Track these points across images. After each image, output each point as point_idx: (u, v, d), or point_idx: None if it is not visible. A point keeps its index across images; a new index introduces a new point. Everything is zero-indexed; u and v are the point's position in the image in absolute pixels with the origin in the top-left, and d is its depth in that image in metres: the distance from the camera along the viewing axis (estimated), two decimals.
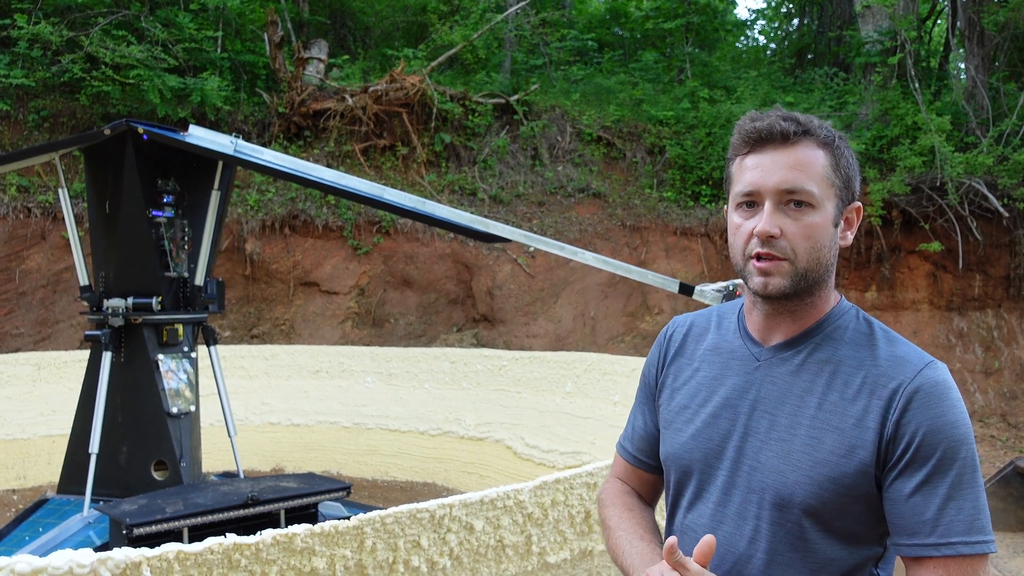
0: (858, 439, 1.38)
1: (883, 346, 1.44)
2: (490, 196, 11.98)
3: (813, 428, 1.42)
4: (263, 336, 11.00)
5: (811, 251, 1.43)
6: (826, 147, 1.45)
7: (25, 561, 2.28)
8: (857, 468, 1.38)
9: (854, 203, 1.50)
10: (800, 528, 1.42)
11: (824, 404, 1.43)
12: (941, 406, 1.35)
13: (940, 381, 1.38)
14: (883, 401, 1.38)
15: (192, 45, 11.90)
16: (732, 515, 1.49)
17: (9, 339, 10.14)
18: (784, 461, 1.43)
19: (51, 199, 10.53)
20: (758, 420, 1.48)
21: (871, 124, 11.78)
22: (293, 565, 2.74)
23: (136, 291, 5.62)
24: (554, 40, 15.32)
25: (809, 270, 1.44)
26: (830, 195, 1.45)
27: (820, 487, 1.39)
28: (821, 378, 1.45)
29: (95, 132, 5.46)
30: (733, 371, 1.55)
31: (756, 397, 1.50)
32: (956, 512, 1.32)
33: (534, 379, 8.04)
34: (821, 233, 1.44)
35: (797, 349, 1.49)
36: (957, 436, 1.34)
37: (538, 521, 3.47)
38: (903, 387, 1.37)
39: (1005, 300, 11.15)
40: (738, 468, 1.49)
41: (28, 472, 7.74)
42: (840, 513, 1.40)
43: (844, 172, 1.46)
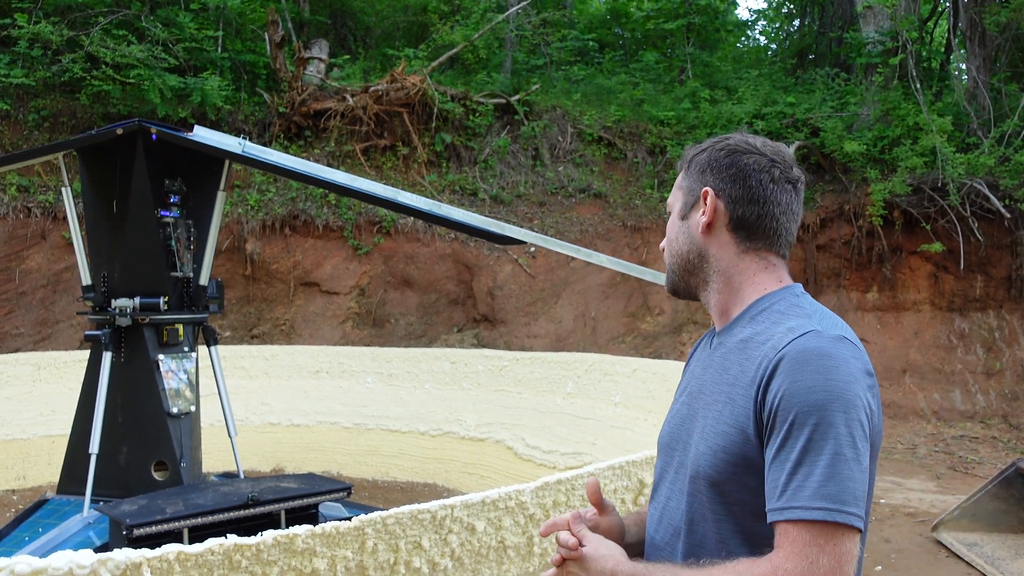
0: (744, 408, 1.44)
1: (785, 320, 1.50)
2: (491, 196, 11.97)
3: (719, 402, 1.51)
4: (263, 336, 10.99)
5: (667, 246, 1.71)
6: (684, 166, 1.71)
7: (25, 562, 2.27)
8: (742, 437, 1.43)
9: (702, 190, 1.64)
10: (708, 498, 1.49)
11: (730, 379, 1.51)
12: (801, 371, 1.37)
13: (809, 348, 1.39)
14: (764, 371, 1.42)
15: (192, 45, 11.89)
16: (677, 492, 1.59)
17: (9, 339, 10.13)
18: (700, 436, 1.53)
19: (51, 199, 10.52)
20: (698, 400, 1.60)
21: (872, 124, 11.77)
22: (294, 566, 2.73)
23: (142, 291, 5.61)
24: (555, 40, 15.30)
25: (670, 263, 1.70)
26: (678, 196, 1.70)
27: (716, 457, 1.46)
28: (735, 355, 1.54)
29: (107, 131, 5.45)
30: (700, 361, 1.69)
31: (702, 380, 1.62)
32: (804, 478, 1.32)
33: (535, 380, 8.02)
34: (670, 229, 1.71)
35: (730, 332, 1.60)
36: (811, 401, 1.34)
37: (540, 522, 3.45)
38: (775, 355, 1.42)
39: (1007, 301, 11.14)
40: (683, 447, 1.60)
41: (28, 472, 7.73)
42: (736, 483, 1.44)
43: (690, 171, 1.68)
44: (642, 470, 3.89)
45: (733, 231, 1.61)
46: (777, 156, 1.62)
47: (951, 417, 10.59)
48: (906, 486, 8.14)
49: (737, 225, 1.60)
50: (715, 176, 1.62)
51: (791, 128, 12.10)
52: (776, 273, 1.61)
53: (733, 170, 1.61)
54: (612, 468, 3.72)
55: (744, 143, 1.63)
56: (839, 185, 11.75)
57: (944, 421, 10.54)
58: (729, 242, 1.61)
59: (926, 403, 10.75)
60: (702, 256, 1.64)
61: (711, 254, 1.63)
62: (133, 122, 5.49)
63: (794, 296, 1.57)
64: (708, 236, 1.62)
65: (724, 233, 1.61)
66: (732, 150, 1.63)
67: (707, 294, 1.65)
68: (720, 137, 1.66)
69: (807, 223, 11.53)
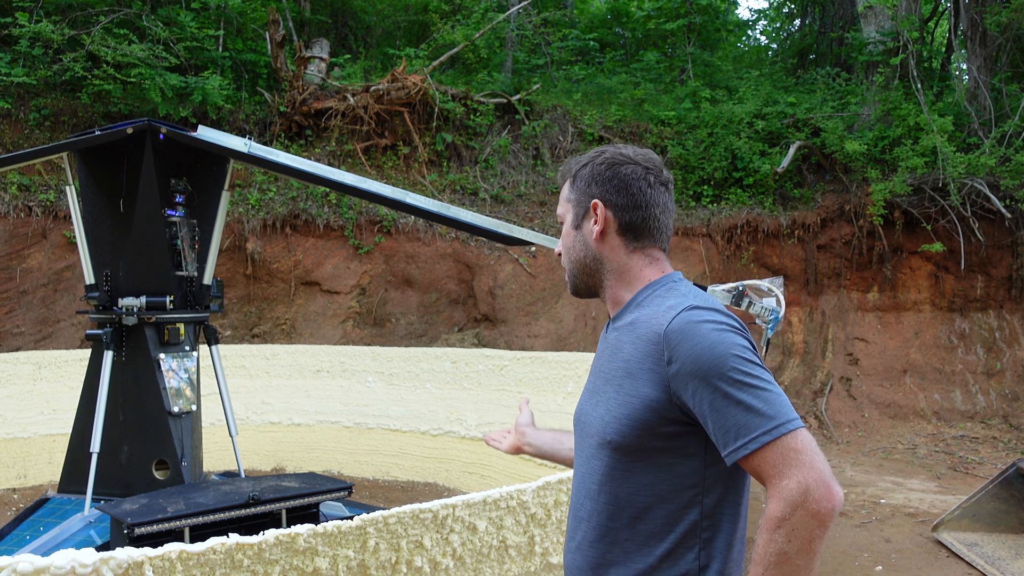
0: (642, 379, 1.67)
1: (666, 301, 1.73)
2: (491, 196, 11.97)
3: (618, 377, 1.73)
4: (264, 335, 10.99)
5: (565, 254, 1.94)
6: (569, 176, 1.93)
7: (28, 561, 2.27)
8: (644, 404, 1.66)
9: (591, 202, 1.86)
10: (615, 461, 1.72)
11: (625, 356, 1.73)
12: (693, 338, 1.60)
13: (692, 320, 1.63)
14: (654, 346, 1.66)
15: (193, 44, 11.88)
16: (584, 459, 1.83)
17: (10, 338, 10.13)
18: (603, 407, 1.76)
19: (52, 198, 10.52)
20: (597, 378, 1.84)
21: (873, 124, 11.76)
22: (296, 565, 2.73)
23: (148, 290, 5.62)
24: (556, 40, 15.30)
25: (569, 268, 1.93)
26: (568, 208, 1.92)
27: (620, 423, 1.69)
28: (625, 336, 1.77)
29: (117, 130, 5.45)
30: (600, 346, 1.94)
31: (600, 361, 1.86)
32: (745, 414, 1.55)
33: (536, 379, 8.03)
34: (565, 238, 1.93)
35: (620, 318, 1.84)
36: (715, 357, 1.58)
37: (541, 521, 3.46)
38: (663, 329, 1.64)
39: (1007, 301, 11.14)
40: (587, 419, 1.83)
41: (29, 471, 7.74)
42: (640, 445, 1.68)
43: (576, 185, 1.89)
44: None
45: (622, 235, 1.85)
46: (649, 163, 1.86)
47: (951, 417, 10.59)
48: (906, 486, 8.15)
49: (625, 229, 1.84)
50: (600, 188, 1.85)
51: (792, 128, 12.10)
52: (660, 265, 1.87)
53: (616, 181, 1.84)
54: None
55: (619, 155, 1.86)
56: (840, 185, 11.75)
57: (944, 421, 10.54)
58: (619, 244, 1.85)
59: (926, 403, 10.75)
60: (597, 260, 1.87)
61: (605, 257, 1.86)
62: (143, 121, 5.50)
63: (672, 281, 1.82)
64: (601, 242, 1.85)
65: (614, 237, 1.85)
66: (611, 163, 1.85)
67: (603, 291, 1.89)
68: (597, 151, 1.89)
69: (808, 223, 11.53)
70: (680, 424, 1.65)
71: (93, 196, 5.75)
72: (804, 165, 12.07)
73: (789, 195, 11.86)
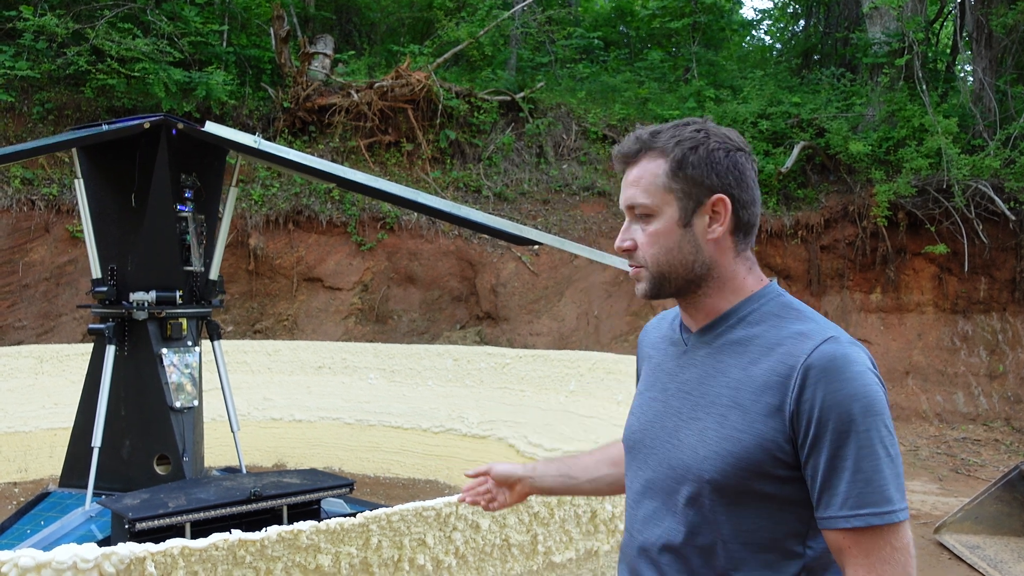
0: (759, 415, 1.44)
1: (790, 324, 1.49)
2: (495, 193, 11.96)
3: (722, 406, 1.49)
4: (266, 331, 10.99)
5: (659, 255, 1.56)
6: (662, 155, 1.55)
7: (29, 555, 2.27)
8: (758, 444, 1.43)
9: (712, 197, 1.53)
10: (711, 502, 1.48)
11: (732, 382, 1.49)
12: (838, 381, 1.38)
13: (838, 355, 1.40)
14: (782, 378, 1.43)
15: (198, 39, 11.88)
16: (658, 491, 1.57)
17: (12, 332, 10.12)
18: (698, 438, 1.51)
19: (55, 192, 10.51)
20: (681, 400, 1.57)
21: (878, 125, 11.74)
22: (298, 562, 2.73)
23: (157, 285, 5.62)
24: (560, 38, 15.28)
25: (664, 272, 1.56)
26: (669, 200, 1.54)
27: (724, 462, 1.45)
28: (732, 358, 1.52)
29: (135, 125, 5.45)
30: (670, 356, 1.66)
31: (681, 379, 1.59)
32: (864, 484, 1.36)
33: (537, 377, 8.02)
34: (664, 238, 1.55)
35: (716, 332, 1.57)
36: (856, 409, 1.37)
37: (544, 520, 3.45)
38: (800, 364, 1.41)
39: (1010, 303, 11.12)
40: (663, 446, 1.58)
41: (30, 465, 7.73)
42: (746, 488, 1.45)
43: (686, 172, 1.53)
44: None
45: (733, 235, 1.57)
46: (748, 148, 1.60)
47: (954, 419, 10.58)
48: (908, 488, 8.14)
49: (737, 229, 1.56)
50: (721, 179, 1.53)
51: (796, 128, 12.08)
52: (756, 272, 1.61)
53: (736, 172, 1.55)
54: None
55: (727, 138, 1.56)
56: (844, 186, 11.73)
57: (947, 423, 10.53)
58: (729, 247, 1.57)
59: (929, 405, 10.74)
60: (706, 265, 1.56)
61: (715, 262, 1.56)
62: (160, 116, 5.51)
63: (778, 295, 1.57)
64: (715, 244, 1.55)
65: (727, 238, 1.56)
66: (726, 148, 1.55)
67: (696, 298, 1.59)
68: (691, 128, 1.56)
69: (811, 223, 11.52)
70: (794, 468, 1.44)
71: (98, 190, 5.74)
72: (808, 165, 12.05)
73: (793, 195, 11.84)
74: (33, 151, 6.70)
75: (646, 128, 1.60)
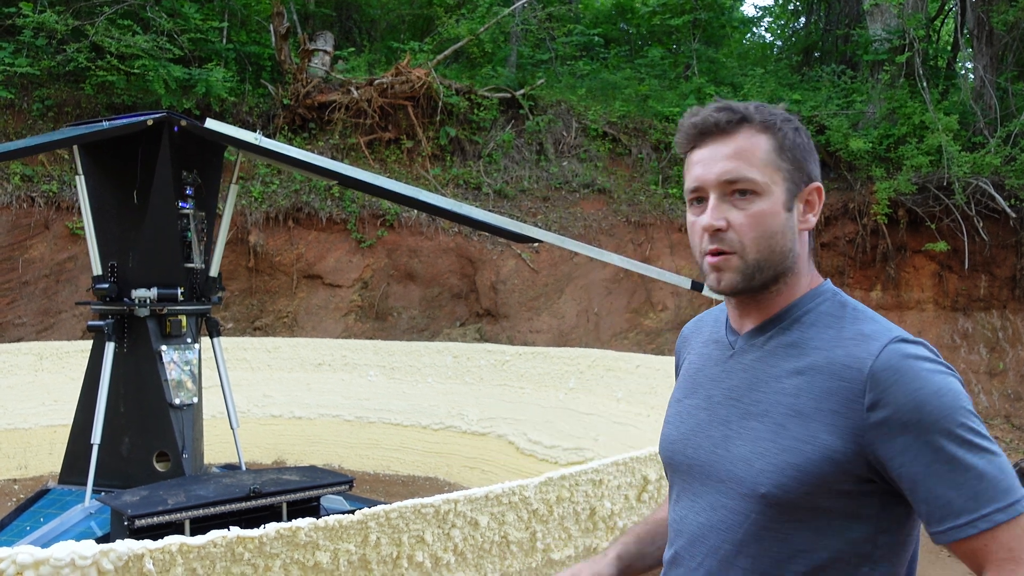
0: (822, 423, 1.32)
1: (850, 325, 1.38)
2: (495, 191, 11.95)
3: (778, 414, 1.37)
4: (266, 328, 10.99)
5: (760, 240, 1.39)
6: (768, 131, 1.41)
7: (27, 552, 2.26)
8: (823, 455, 1.31)
9: (811, 184, 1.45)
10: (768, 518, 1.36)
11: (789, 388, 1.37)
12: (916, 380, 1.28)
13: (909, 354, 1.30)
14: (847, 383, 1.31)
15: (197, 35, 11.86)
16: (707, 506, 1.45)
17: (11, 328, 10.12)
18: (752, 449, 1.39)
19: (55, 189, 10.50)
20: (729, 408, 1.45)
21: (878, 123, 11.73)
22: (296, 559, 2.72)
23: (158, 282, 5.63)
24: (560, 35, 15.26)
25: (761, 260, 1.40)
26: (776, 179, 1.40)
27: (783, 475, 1.33)
28: (787, 362, 1.40)
29: (137, 122, 5.46)
30: (714, 360, 1.53)
31: (729, 385, 1.47)
32: (977, 482, 1.25)
33: (537, 374, 8.02)
34: (770, 220, 1.40)
35: (768, 335, 1.45)
36: (945, 404, 1.26)
37: (543, 518, 3.45)
38: (867, 366, 1.30)
39: (1011, 301, 11.11)
40: (710, 458, 1.45)
41: (30, 462, 7.74)
42: (807, 503, 1.33)
43: (791, 154, 1.42)
44: (645, 466, 3.88)
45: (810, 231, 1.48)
46: None
47: None
48: None
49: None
50: (815, 167, 1.45)
51: None
52: (815, 272, 1.49)
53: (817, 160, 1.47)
54: (615, 464, 3.71)
55: None
56: (844, 183, 11.72)
57: None
58: (806, 242, 1.47)
59: None
60: (794, 259, 1.44)
61: (798, 256, 1.44)
62: (163, 113, 5.52)
63: (834, 294, 1.46)
64: (801, 237, 1.45)
65: (806, 233, 1.47)
66: (807, 134, 1.46)
67: (766, 295, 1.45)
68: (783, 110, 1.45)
69: None
70: (862, 481, 1.32)
71: (99, 186, 5.74)
72: None
73: None
74: (35, 148, 6.70)
75: (727, 101, 1.46)
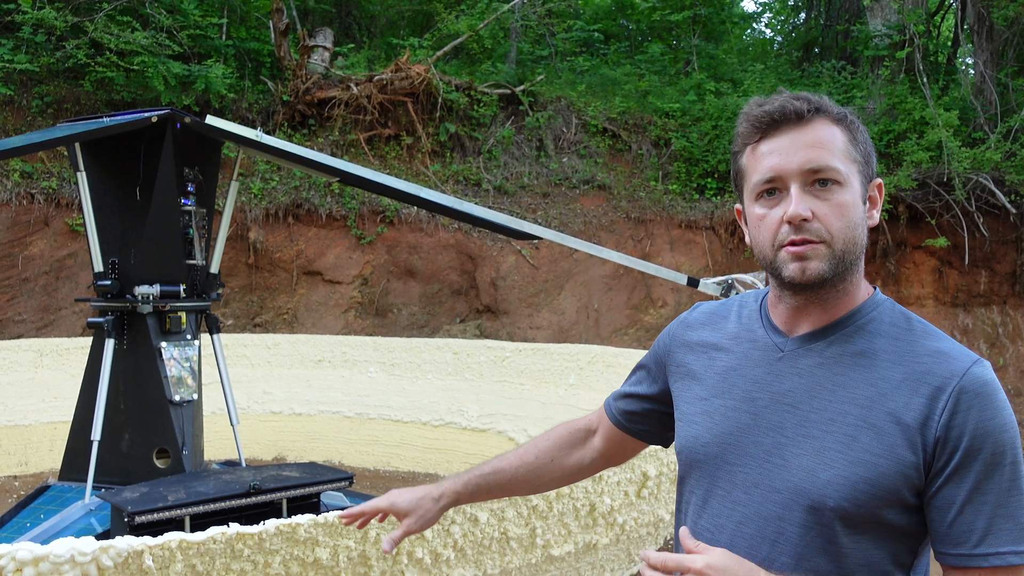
0: (898, 438, 1.31)
1: (923, 340, 1.37)
2: (495, 187, 11.94)
3: (847, 425, 1.34)
4: (266, 325, 10.99)
5: (846, 230, 1.36)
6: (840, 123, 1.39)
7: (27, 549, 2.27)
8: (896, 469, 1.30)
9: (875, 180, 1.43)
10: (831, 531, 1.33)
11: (859, 399, 1.34)
12: (991, 408, 1.29)
13: (989, 381, 1.31)
14: (926, 399, 1.30)
15: (197, 32, 11.85)
16: (753, 515, 1.40)
17: (11, 325, 10.12)
18: (815, 459, 1.34)
19: (54, 185, 10.50)
20: (782, 414, 1.40)
21: (878, 118, 11.72)
22: (296, 555, 2.72)
23: (161, 279, 5.63)
24: (560, 31, 15.25)
25: (846, 251, 1.37)
26: (853, 171, 1.38)
27: (855, 488, 1.31)
28: (855, 371, 1.36)
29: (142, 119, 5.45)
30: (754, 361, 1.47)
31: (779, 390, 1.41)
32: (1005, 521, 1.27)
33: (537, 371, 8.02)
34: (853, 211, 1.37)
35: (828, 340, 1.41)
36: (1006, 440, 1.28)
37: (543, 514, 3.45)
38: (951, 386, 1.29)
39: (1011, 297, 11.11)
40: (760, 465, 1.40)
41: (30, 458, 7.74)
42: (874, 516, 1.32)
43: (863, 147, 1.40)
44: (644, 463, 3.88)
45: None
46: None
47: None
48: None
49: None
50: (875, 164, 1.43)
51: None
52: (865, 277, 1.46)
53: None
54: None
55: None
56: None
57: None
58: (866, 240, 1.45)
59: None
60: (863, 254, 1.42)
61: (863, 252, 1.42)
62: (167, 110, 5.52)
63: (892, 304, 1.45)
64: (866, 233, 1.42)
65: None
66: None
67: (834, 292, 1.41)
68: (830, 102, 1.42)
69: None
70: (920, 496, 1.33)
71: (100, 183, 5.73)
72: None
73: None
74: (37, 146, 6.69)
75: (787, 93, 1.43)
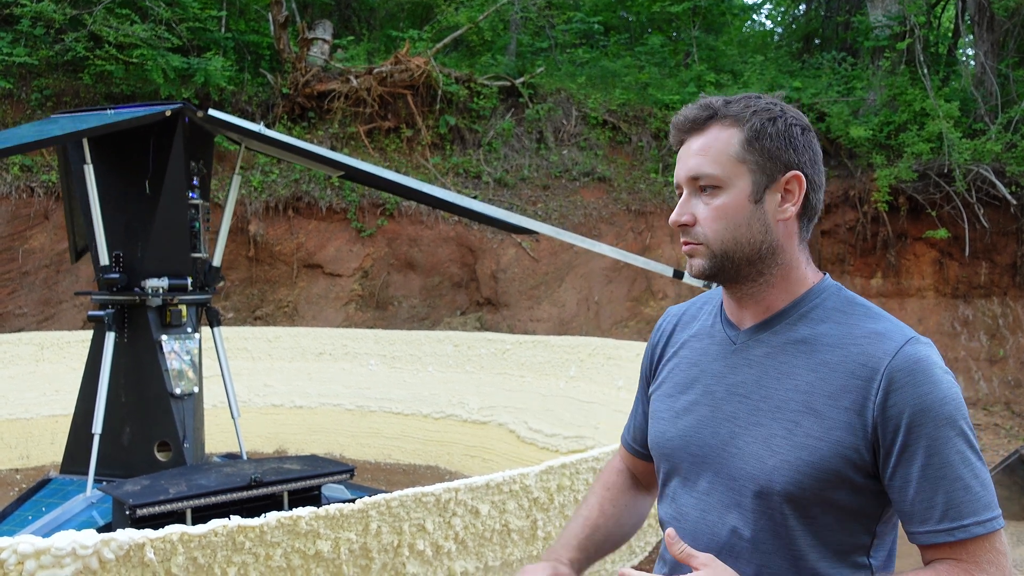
0: (836, 421, 1.34)
1: (862, 323, 1.40)
2: (495, 179, 11.93)
3: (791, 411, 1.38)
4: (266, 318, 10.99)
5: (724, 232, 1.42)
6: (736, 124, 1.43)
7: (28, 542, 2.27)
8: (835, 451, 1.34)
9: (788, 173, 1.42)
10: (781, 515, 1.38)
11: (802, 385, 1.38)
12: (927, 383, 1.31)
13: (922, 357, 1.33)
14: (862, 381, 1.33)
15: (196, 25, 11.83)
16: (716, 504, 1.45)
17: (12, 319, 10.13)
18: (763, 447, 1.39)
19: (54, 178, 10.48)
20: (736, 405, 1.45)
21: (879, 110, 11.70)
22: (297, 548, 2.73)
23: (168, 272, 5.64)
24: (560, 23, 15.21)
25: (728, 251, 1.42)
26: (740, 172, 1.41)
27: (799, 472, 1.35)
28: (798, 358, 1.41)
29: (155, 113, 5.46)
30: (712, 356, 1.52)
31: (733, 381, 1.47)
32: (963, 492, 1.30)
33: (538, 363, 8.02)
34: (733, 213, 1.41)
35: (773, 330, 1.46)
36: (947, 412, 1.30)
37: (544, 506, 3.45)
38: (883, 366, 1.32)
39: (1011, 288, 11.11)
40: (718, 455, 1.45)
41: (31, 452, 7.76)
42: (821, 499, 1.36)
43: (763, 144, 1.41)
44: None
45: (799, 219, 1.46)
46: None
47: None
48: None
49: (804, 213, 1.46)
50: (797, 156, 1.43)
51: None
52: (812, 264, 1.49)
53: (811, 152, 1.45)
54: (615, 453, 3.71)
55: (801, 116, 1.46)
56: (844, 170, 11.70)
57: None
58: (795, 232, 1.46)
59: None
60: (773, 248, 1.44)
61: (781, 246, 1.44)
62: (180, 104, 5.54)
63: (838, 290, 1.47)
64: (785, 226, 1.44)
65: (794, 222, 1.45)
66: (803, 126, 1.45)
67: (755, 286, 1.46)
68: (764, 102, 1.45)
69: None
70: (870, 477, 1.36)
71: (104, 176, 5.72)
72: None
73: None
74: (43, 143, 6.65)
75: (712, 97, 1.49)
